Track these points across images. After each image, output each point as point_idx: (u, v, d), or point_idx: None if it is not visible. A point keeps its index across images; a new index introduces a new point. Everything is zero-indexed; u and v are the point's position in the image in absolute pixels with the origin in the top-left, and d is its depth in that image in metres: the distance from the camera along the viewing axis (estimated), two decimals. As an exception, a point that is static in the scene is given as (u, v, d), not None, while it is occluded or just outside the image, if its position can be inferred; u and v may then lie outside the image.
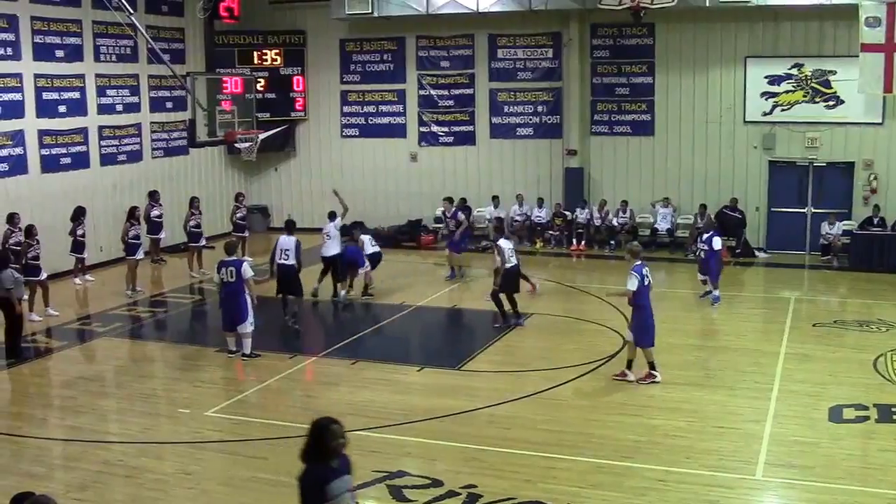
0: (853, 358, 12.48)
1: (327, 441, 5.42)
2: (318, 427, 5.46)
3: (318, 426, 5.47)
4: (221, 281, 12.68)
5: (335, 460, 5.47)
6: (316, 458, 5.44)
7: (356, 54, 23.16)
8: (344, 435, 5.50)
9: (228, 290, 12.62)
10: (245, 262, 13.05)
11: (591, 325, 14.32)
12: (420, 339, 14.95)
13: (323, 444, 5.42)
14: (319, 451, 5.43)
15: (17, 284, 13.10)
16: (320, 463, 5.43)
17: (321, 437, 5.43)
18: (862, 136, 19.47)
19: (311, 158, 23.99)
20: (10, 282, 12.87)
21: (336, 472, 5.46)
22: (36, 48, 17.69)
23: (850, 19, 18.40)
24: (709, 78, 20.47)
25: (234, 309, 12.59)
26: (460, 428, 10.06)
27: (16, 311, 12.86)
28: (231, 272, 12.54)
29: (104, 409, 11.03)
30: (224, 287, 12.68)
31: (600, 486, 8.52)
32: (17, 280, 13.16)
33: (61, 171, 18.36)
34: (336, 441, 5.44)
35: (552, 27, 21.41)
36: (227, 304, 12.73)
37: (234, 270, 12.53)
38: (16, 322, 12.95)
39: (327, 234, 16.04)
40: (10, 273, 13.01)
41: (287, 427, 10.07)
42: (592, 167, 21.72)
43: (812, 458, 9.09)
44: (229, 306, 12.68)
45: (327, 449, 5.43)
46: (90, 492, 8.53)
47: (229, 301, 12.66)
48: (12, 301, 12.83)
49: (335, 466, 5.46)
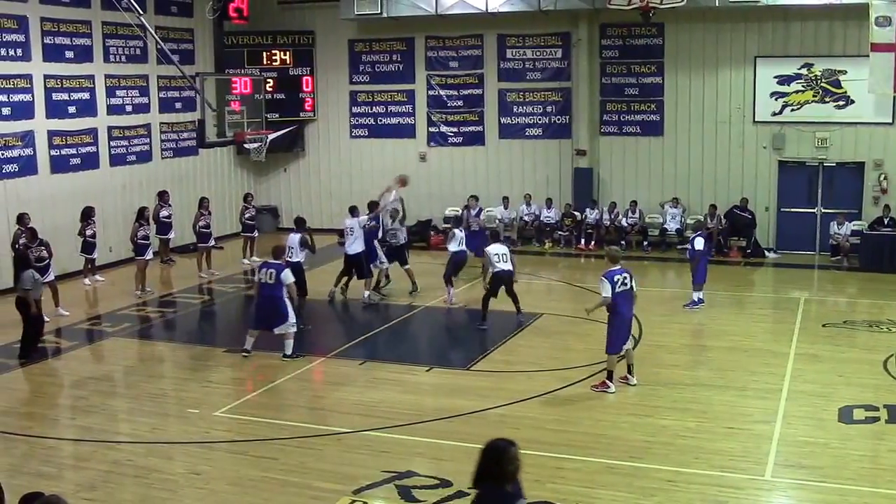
0: (863, 358, 12.42)
1: (505, 465, 5.04)
2: (496, 449, 5.08)
3: (495, 448, 5.07)
4: (259, 281, 12.70)
5: (510, 485, 5.07)
6: (491, 482, 5.04)
7: (365, 55, 23.19)
8: (519, 458, 5.11)
9: (265, 293, 12.62)
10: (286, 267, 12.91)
11: (600, 326, 14.24)
12: (429, 340, 14.95)
13: (500, 468, 5.03)
14: (495, 475, 5.03)
15: (36, 285, 13.16)
16: (496, 487, 5.03)
17: (499, 461, 5.04)
18: (872, 137, 19.38)
19: (320, 159, 24.03)
20: (29, 282, 12.95)
21: (513, 498, 5.08)
22: (46, 49, 17.77)
23: (860, 19, 18.32)
24: (718, 78, 20.41)
25: (271, 311, 12.56)
26: (469, 428, 10.04)
27: (32, 311, 12.93)
28: (271, 274, 12.55)
29: (114, 409, 11.06)
30: (262, 288, 12.68)
31: (610, 487, 8.50)
32: (37, 281, 13.21)
33: (71, 172, 18.43)
34: (513, 465, 5.07)
35: (561, 27, 21.39)
36: (263, 305, 12.71)
37: (275, 273, 12.53)
38: (32, 322, 13.02)
39: (350, 230, 15.85)
40: (31, 273, 13.08)
41: (296, 427, 10.10)
42: (602, 167, 21.69)
43: (822, 459, 9.05)
44: (265, 308, 12.66)
45: (504, 473, 5.04)
46: (100, 492, 8.55)
47: (266, 302, 12.64)
48: (29, 301, 12.91)
49: (510, 491, 5.07)
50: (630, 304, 11.17)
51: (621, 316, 11.02)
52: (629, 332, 11.29)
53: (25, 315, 12.95)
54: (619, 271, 11.04)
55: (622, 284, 10.98)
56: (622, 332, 11.11)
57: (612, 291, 10.86)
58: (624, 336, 11.16)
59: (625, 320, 11.10)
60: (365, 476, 8.74)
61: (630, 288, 11.09)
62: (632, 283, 11.12)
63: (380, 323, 15.16)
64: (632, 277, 11.15)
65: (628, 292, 11.07)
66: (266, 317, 12.69)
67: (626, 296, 11.04)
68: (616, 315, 10.99)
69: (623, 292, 10.99)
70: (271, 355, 12.83)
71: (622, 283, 10.99)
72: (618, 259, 11.27)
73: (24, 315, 12.98)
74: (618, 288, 10.92)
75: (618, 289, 10.92)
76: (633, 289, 11.17)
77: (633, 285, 11.13)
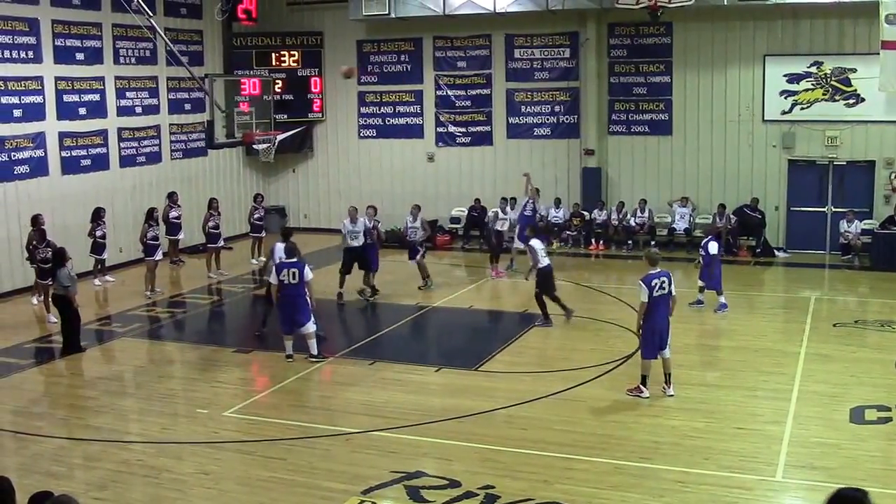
0: (874, 358, 12.35)
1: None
2: (846, 499, 4.57)
3: (845, 499, 4.57)
4: (280, 282, 12.53)
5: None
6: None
7: (373, 55, 23.20)
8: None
9: (288, 293, 12.49)
10: (307, 264, 12.86)
11: (609, 326, 14.27)
12: (437, 340, 14.95)
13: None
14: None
15: (73, 282, 13.37)
16: None
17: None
18: (883, 135, 19.27)
19: (328, 159, 24.06)
20: (66, 279, 13.15)
21: None
22: (56, 51, 17.85)
23: (870, 16, 18.23)
24: (727, 77, 20.34)
25: (296, 311, 12.48)
26: (478, 428, 10.04)
27: (72, 308, 13.15)
28: (293, 274, 12.46)
29: (123, 409, 11.10)
30: (284, 289, 12.52)
31: (618, 487, 8.48)
32: (73, 278, 13.43)
33: (81, 173, 18.51)
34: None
35: (569, 27, 21.36)
36: (287, 306, 12.57)
37: (298, 272, 12.47)
38: (72, 318, 13.20)
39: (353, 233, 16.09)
40: (67, 270, 13.25)
41: (305, 428, 10.12)
42: (610, 167, 21.65)
43: (833, 460, 9.01)
44: (290, 308, 12.53)
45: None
46: (110, 491, 8.58)
47: (290, 303, 12.51)
48: (69, 298, 13.11)
49: None
50: (666, 309, 10.84)
51: (656, 320, 10.72)
52: (666, 338, 10.88)
53: (65, 312, 13.17)
54: (657, 275, 10.74)
55: (660, 288, 10.69)
56: (657, 336, 10.77)
57: (649, 296, 10.62)
58: (659, 341, 10.81)
59: (659, 325, 10.77)
60: (373, 476, 8.74)
61: (668, 292, 10.78)
62: (670, 286, 10.81)
63: (388, 323, 15.16)
64: (671, 281, 10.84)
65: (666, 297, 10.77)
66: (290, 317, 12.56)
67: (663, 300, 10.75)
68: (650, 319, 10.70)
69: (661, 296, 10.71)
70: (276, 355, 12.86)
71: (660, 288, 10.69)
72: (657, 262, 10.96)
73: (62, 312, 13.22)
74: (655, 292, 10.63)
75: (655, 293, 10.63)
76: (672, 293, 10.86)
77: (671, 289, 10.82)
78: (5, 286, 16.78)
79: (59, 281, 13.23)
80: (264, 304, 14.21)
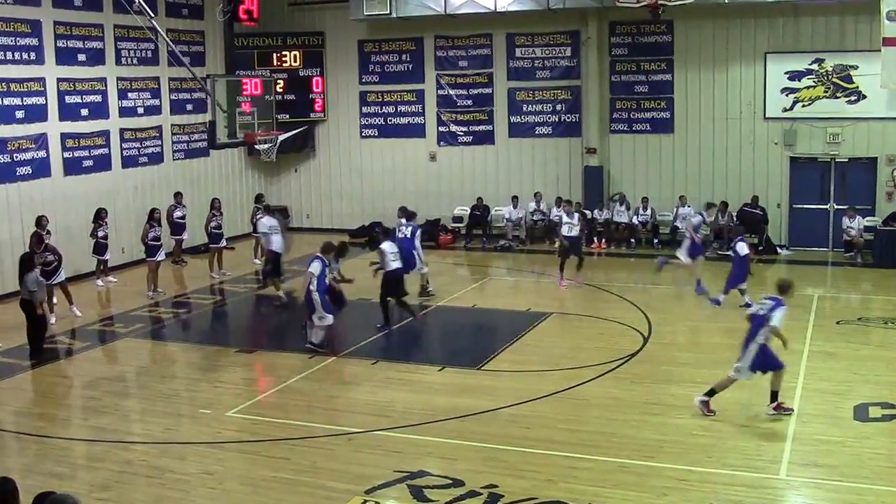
0: (878, 356, 12.35)
1: None
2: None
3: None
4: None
5: None
6: None
7: (375, 55, 23.20)
8: None
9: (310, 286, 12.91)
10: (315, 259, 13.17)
11: (612, 324, 14.26)
12: (440, 339, 14.94)
13: None
14: None
15: (40, 287, 13.29)
16: None
17: None
18: (884, 132, 19.25)
19: (330, 159, 24.06)
20: (33, 283, 13.05)
21: None
22: (58, 52, 17.86)
23: (871, 13, 18.20)
24: (728, 74, 20.33)
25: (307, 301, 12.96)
26: (481, 428, 10.04)
27: (37, 313, 13.03)
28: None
29: (126, 410, 11.11)
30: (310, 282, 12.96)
31: (622, 486, 8.47)
32: (40, 283, 13.35)
33: (83, 174, 18.52)
34: None
35: (570, 26, 21.35)
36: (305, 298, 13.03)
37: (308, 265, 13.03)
38: (37, 323, 13.11)
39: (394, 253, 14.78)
40: (35, 275, 13.18)
41: (308, 427, 10.11)
42: (612, 165, 21.64)
43: (838, 458, 8.99)
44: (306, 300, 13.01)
45: None
46: (113, 492, 8.58)
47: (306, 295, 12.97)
48: (34, 303, 13.00)
49: None
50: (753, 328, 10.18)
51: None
52: (748, 354, 10.09)
53: (30, 316, 13.08)
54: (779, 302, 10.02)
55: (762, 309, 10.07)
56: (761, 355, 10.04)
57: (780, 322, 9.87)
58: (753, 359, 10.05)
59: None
60: (377, 476, 8.74)
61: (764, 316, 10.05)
62: (769, 313, 9.98)
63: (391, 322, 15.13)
64: (772, 309, 10.02)
65: (760, 318, 10.07)
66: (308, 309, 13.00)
67: (758, 320, 10.12)
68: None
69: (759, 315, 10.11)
70: (285, 354, 12.86)
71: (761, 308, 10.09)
72: (787, 290, 10.21)
73: (28, 316, 13.11)
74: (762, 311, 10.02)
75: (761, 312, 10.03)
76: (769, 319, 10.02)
77: (769, 315, 9.98)
78: (8, 287, 16.78)
79: (25, 286, 13.07)
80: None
